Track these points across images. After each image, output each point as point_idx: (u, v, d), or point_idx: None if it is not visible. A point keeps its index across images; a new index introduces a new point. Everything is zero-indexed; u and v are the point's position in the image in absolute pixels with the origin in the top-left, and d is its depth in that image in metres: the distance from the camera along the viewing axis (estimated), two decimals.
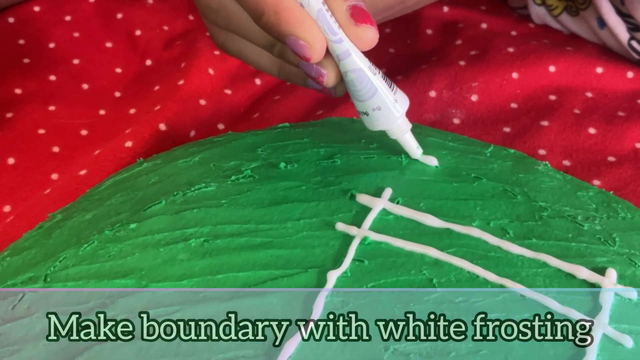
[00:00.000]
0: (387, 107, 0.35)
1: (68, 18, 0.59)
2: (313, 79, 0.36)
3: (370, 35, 0.34)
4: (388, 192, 0.36)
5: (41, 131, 0.51)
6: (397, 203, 0.35)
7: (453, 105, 0.54)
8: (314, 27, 0.33)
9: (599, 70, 0.55)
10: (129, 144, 0.48)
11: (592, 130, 0.52)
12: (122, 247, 0.33)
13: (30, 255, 0.34)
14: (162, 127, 0.50)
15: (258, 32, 0.36)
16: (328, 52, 0.34)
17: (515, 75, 0.55)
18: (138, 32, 0.58)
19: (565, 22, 0.59)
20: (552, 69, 0.55)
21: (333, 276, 0.32)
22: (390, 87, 0.36)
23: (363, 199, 0.36)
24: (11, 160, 0.48)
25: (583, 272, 0.33)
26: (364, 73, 0.35)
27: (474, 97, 0.54)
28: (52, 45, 0.57)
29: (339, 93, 0.38)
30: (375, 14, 0.45)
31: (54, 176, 0.48)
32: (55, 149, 0.50)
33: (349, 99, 0.54)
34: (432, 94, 0.54)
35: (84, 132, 0.51)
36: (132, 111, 0.53)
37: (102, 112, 0.53)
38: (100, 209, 0.36)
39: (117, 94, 0.55)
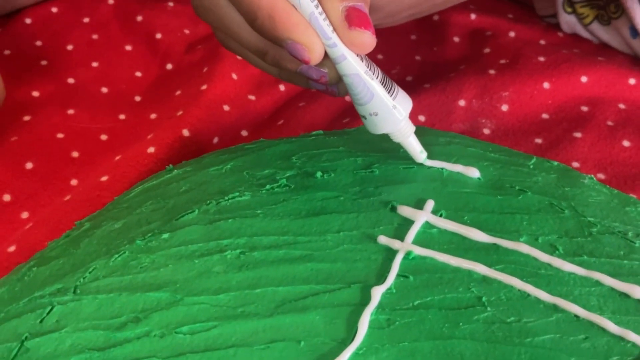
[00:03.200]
0: (384, 112, 0.34)
1: (86, 20, 0.58)
2: (315, 81, 0.35)
3: (365, 40, 0.32)
4: (430, 204, 0.34)
5: (60, 135, 0.49)
6: (440, 216, 0.34)
7: (483, 115, 0.52)
8: (311, 29, 0.32)
9: (632, 81, 0.54)
10: (151, 150, 0.47)
11: (626, 143, 0.50)
12: (155, 258, 0.31)
13: (57, 266, 0.32)
14: (186, 133, 0.48)
15: (249, 37, 0.35)
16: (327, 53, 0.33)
17: (546, 85, 0.53)
18: (159, 36, 0.57)
19: (595, 31, 0.58)
20: (584, 79, 0.54)
21: (377, 292, 0.30)
22: (390, 91, 0.34)
23: (405, 211, 0.34)
24: (29, 165, 0.47)
25: (638, 292, 0.31)
26: (360, 78, 0.33)
27: (505, 107, 0.52)
28: (70, 47, 0.56)
29: (342, 93, 0.37)
30: (401, 11, 0.44)
31: (74, 182, 0.46)
32: (75, 154, 0.48)
33: None
34: (462, 103, 0.52)
35: (103, 137, 0.50)
36: (153, 116, 0.51)
37: (122, 116, 0.51)
38: (129, 217, 0.34)
39: (137, 98, 0.53)
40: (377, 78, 0.34)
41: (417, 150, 0.36)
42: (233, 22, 0.35)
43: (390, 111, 0.34)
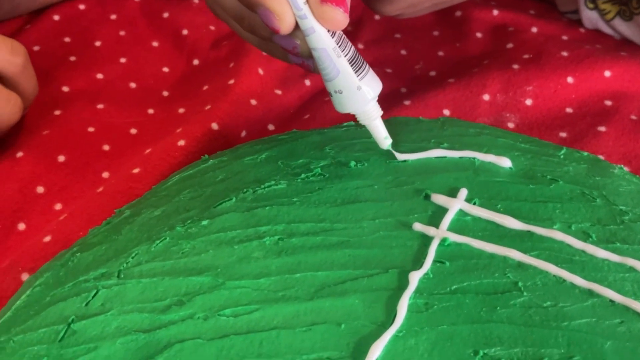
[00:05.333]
0: (348, 91, 0.34)
1: (113, 17, 0.59)
2: (288, 52, 0.35)
3: (336, 16, 0.33)
4: (464, 192, 0.35)
5: (90, 129, 0.50)
6: (474, 204, 0.34)
7: (507, 109, 0.53)
8: None
9: None
10: (181, 142, 0.47)
11: None
12: (195, 243, 0.32)
13: (100, 252, 0.33)
14: (214, 126, 0.49)
15: (230, 2, 0.36)
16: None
17: (570, 79, 0.54)
18: (185, 32, 0.57)
19: (617, 26, 0.58)
20: (607, 73, 0.54)
21: (415, 277, 0.31)
22: (358, 71, 0.34)
23: (438, 199, 0.35)
24: (61, 158, 0.48)
25: None
26: (327, 53, 0.33)
27: (529, 101, 0.53)
28: (98, 43, 0.57)
29: (317, 70, 0.36)
30: (424, 1, 0.44)
31: (105, 174, 0.47)
32: (106, 147, 0.49)
33: (402, 100, 0.53)
34: (486, 97, 0.53)
35: (133, 131, 0.50)
36: (181, 110, 0.52)
37: (150, 111, 0.52)
38: (168, 205, 0.35)
39: (165, 93, 0.54)
40: (345, 56, 0.34)
41: (381, 135, 0.36)
42: None
43: (354, 91, 0.34)
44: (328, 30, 0.33)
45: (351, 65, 0.34)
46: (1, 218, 0.44)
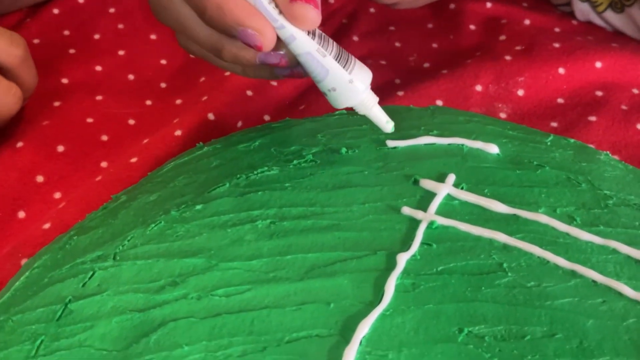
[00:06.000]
0: (341, 87, 0.35)
1: (112, 10, 0.60)
2: (276, 65, 0.35)
3: (307, 14, 0.33)
4: (452, 177, 0.36)
5: (89, 120, 0.51)
6: (462, 189, 0.35)
7: (499, 100, 0.53)
8: (259, 14, 0.33)
9: None
10: (178, 132, 0.48)
11: None
12: (189, 227, 0.33)
13: (97, 235, 0.34)
14: (211, 116, 0.50)
15: (205, 34, 0.35)
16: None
17: (561, 70, 0.54)
18: None
19: (609, 18, 0.59)
20: (598, 64, 0.55)
21: (403, 259, 0.32)
22: (345, 66, 0.35)
23: (427, 184, 0.35)
24: (61, 148, 0.49)
25: None
26: (312, 56, 0.34)
27: (520, 92, 0.54)
28: (97, 36, 0.58)
29: (307, 74, 0.36)
30: None
31: (104, 164, 0.48)
32: (104, 138, 0.50)
33: (396, 91, 0.54)
34: (478, 88, 0.54)
35: (131, 122, 0.51)
36: (178, 102, 0.53)
37: (148, 102, 0.53)
38: (164, 190, 0.36)
39: (163, 85, 0.55)
40: (330, 54, 0.34)
41: (382, 120, 0.36)
42: (187, 19, 0.35)
43: (347, 85, 0.35)
44: (307, 33, 0.34)
45: (338, 62, 0.34)
46: (2, 206, 0.45)
